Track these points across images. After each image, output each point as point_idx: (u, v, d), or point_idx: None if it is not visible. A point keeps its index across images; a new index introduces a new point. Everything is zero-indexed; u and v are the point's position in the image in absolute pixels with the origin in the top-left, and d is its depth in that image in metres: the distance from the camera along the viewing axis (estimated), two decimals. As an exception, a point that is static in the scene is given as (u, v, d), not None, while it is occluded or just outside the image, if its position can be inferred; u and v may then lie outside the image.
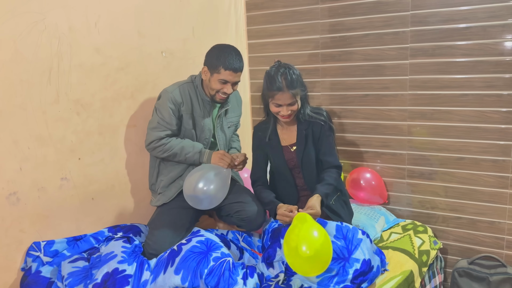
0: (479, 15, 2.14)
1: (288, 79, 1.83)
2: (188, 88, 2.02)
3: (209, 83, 1.98)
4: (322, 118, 1.96)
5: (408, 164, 2.48)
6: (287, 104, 1.85)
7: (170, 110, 1.95)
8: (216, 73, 1.93)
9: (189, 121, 2.01)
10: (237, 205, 1.98)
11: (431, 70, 2.30)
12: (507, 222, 2.27)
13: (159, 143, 1.95)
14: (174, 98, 1.96)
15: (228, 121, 2.16)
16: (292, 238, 1.50)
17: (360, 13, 2.43)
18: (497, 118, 2.19)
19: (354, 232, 1.68)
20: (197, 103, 2.03)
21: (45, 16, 1.72)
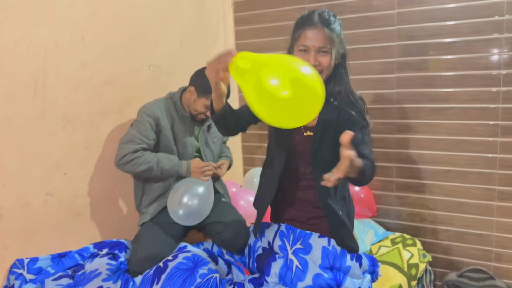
0: (463, 30, 2.18)
1: (325, 17, 1.41)
2: (167, 104, 2.01)
3: (193, 104, 1.97)
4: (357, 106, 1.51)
5: (396, 177, 2.49)
6: (317, 48, 1.40)
7: (148, 124, 1.93)
8: (204, 98, 1.93)
9: (169, 137, 1.99)
10: (218, 225, 1.94)
11: (417, 84, 2.33)
12: (494, 235, 2.28)
13: (133, 156, 1.90)
14: (152, 112, 1.95)
15: (212, 136, 2.14)
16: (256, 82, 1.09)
17: (347, 28, 2.44)
18: (483, 131, 2.22)
19: (342, 258, 1.53)
20: (178, 119, 2.01)
21: (31, 31, 1.70)
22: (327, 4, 2.49)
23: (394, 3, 2.31)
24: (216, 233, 1.93)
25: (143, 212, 2.02)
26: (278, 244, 1.65)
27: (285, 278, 1.56)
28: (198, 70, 2.00)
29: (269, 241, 1.69)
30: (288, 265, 1.57)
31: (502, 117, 2.16)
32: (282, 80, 1.06)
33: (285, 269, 1.57)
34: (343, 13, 2.45)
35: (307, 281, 1.52)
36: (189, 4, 2.51)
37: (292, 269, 1.55)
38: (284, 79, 1.06)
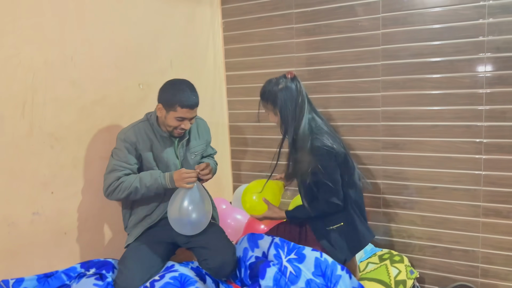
0: (446, 50, 2.24)
1: (261, 93, 1.97)
2: (144, 127, 1.98)
3: (165, 120, 1.93)
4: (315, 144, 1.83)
5: (383, 193, 2.51)
6: (265, 112, 2.00)
7: (126, 150, 1.92)
8: (172, 111, 1.89)
9: (149, 159, 1.97)
10: (205, 252, 1.91)
11: (402, 102, 2.37)
12: (480, 251, 2.30)
13: (117, 183, 1.90)
14: (128, 137, 1.93)
15: (191, 151, 2.10)
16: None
17: (334, 48, 2.51)
18: (467, 148, 2.26)
19: (333, 268, 1.66)
20: (156, 140, 1.98)
21: (20, 51, 1.72)
22: (314, 24, 2.54)
23: (379, 23, 2.36)
24: (203, 259, 1.89)
25: (129, 233, 2.01)
26: (273, 253, 1.82)
27: (279, 282, 1.64)
28: (162, 86, 1.96)
29: (264, 251, 1.86)
30: (282, 271, 1.68)
31: (485, 134, 2.21)
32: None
33: (279, 274, 1.67)
34: (330, 33, 2.51)
35: (300, 284, 1.60)
36: (178, 23, 2.54)
37: (286, 274, 1.66)
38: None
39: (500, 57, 2.13)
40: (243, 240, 2.00)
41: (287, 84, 1.86)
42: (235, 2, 2.80)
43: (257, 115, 2.01)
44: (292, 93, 1.85)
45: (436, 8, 2.23)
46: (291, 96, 1.85)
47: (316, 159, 1.80)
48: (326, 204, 1.86)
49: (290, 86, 1.86)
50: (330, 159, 1.82)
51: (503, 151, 2.18)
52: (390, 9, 2.33)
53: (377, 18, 2.37)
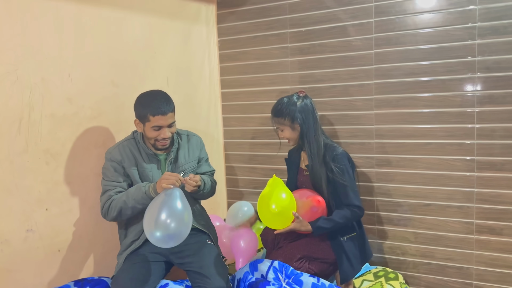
0: (438, 70, 2.28)
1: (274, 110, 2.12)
2: (129, 145, 1.97)
3: (145, 134, 1.93)
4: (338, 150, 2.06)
5: (377, 210, 2.53)
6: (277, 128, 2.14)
7: (113, 169, 1.92)
8: (147, 121, 1.86)
9: (136, 177, 1.95)
10: (199, 277, 1.82)
11: (395, 120, 2.41)
12: (474, 268, 2.31)
13: (109, 201, 1.89)
14: (113, 156, 1.93)
15: (180, 169, 2.03)
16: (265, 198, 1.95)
17: (328, 67, 2.55)
18: (460, 165, 2.29)
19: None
20: (141, 157, 1.97)
21: (17, 67, 1.73)
22: (308, 44, 2.59)
23: (372, 43, 2.41)
24: (197, 286, 1.81)
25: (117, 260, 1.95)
26: (272, 276, 1.84)
27: None
28: (134, 104, 1.93)
29: (263, 274, 1.89)
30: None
31: (477, 152, 2.24)
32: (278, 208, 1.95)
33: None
34: (324, 53, 2.55)
35: None
36: (175, 42, 2.58)
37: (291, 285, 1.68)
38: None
39: (491, 77, 2.18)
40: (245, 266, 2.00)
41: (304, 101, 2.07)
42: (231, 22, 2.84)
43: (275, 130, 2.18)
44: (309, 108, 2.07)
45: (428, 29, 2.28)
46: (308, 111, 2.06)
47: (341, 165, 2.01)
48: (349, 209, 2.01)
49: (306, 102, 2.08)
50: (350, 165, 2.06)
51: (494, 168, 2.21)
52: (382, 30, 2.39)
53: (370, 38, 2.42)
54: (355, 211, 2.01)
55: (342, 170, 2.00)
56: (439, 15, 2.25)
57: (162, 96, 1.92)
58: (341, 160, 2.02)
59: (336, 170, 1.99)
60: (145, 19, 2.35)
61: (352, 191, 2.02)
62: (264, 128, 2.81)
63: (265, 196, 1.97)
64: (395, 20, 2.35)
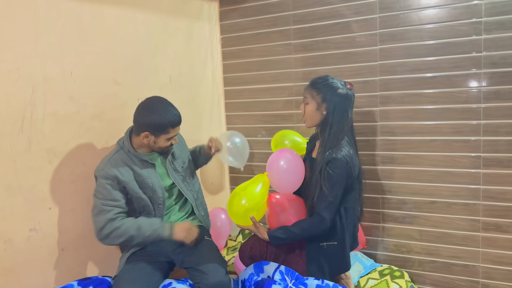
0: (443, 65, 2.26)
1: (313, 80, 1.98)
2: (120, 157, 1.87)
3: (155, 144, 1.87)
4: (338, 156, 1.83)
5: (382, 208, 2.51)
6: (303, 99, 1.97)
7: (109, 186, 1.80)
8: (164, 134, 1.84)
9: (135, 188, 1.87)
10: (197, 274, 1.82)
11: (400, 117, 2.38)
12: (481, 265, 2.29)
13: (112, 227, 1.78)
14: (108, 173, 1.81)
15: (179, 161, 2.05)
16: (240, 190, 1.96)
17: (332, 63, 2.53)
18: (465, 162, 2.27)
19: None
20: (136, 167, 1.88)
21: (19, 66, 1.72)
22: (312, 40, 2.57)
23: (376, 39, 2.39)
24: (195, 282, 1.82)
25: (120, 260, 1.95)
26: (278, 277, 1.82)
27: None
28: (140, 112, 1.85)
29: (269, 275, 1.86)
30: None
31: (483, 149, 2.22)
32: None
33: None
34: (327, 49, 2.53)
35: None
36: (177, 39, 2.56)
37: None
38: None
39: (497, 72, 2.15)
40: (249, 267, 1.97)
41: (347, 92, 1.88)
42: (234, 19, 2.82)
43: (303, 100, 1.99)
44: (347, 101, 1.88)
45: (433, 24, 2.25)
46: (344, 103, 1.87)
47: (332, 171, 1.81)
48: (312, 218, 1.85)
49: (348, 94, 1.88)
50: (342, 171, 1.82)
51: (501, 165, 2.19)
52: (387, 25, 2.36)
53: (375, 34, 2.39)
54: (316, 221, 1.83)
55: (329, 176, 1.81)
56: (444, 10, 2.22)
57: (170, 104, 1.88)
58: (334, 166, 1.81)
59: (325, 173, 1.82)
60: (147, 17, 2.34)
61: (326, 201, 1.81)
62: (268, 126, 2.80)
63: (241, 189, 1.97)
64: (400, 16, 2.32)
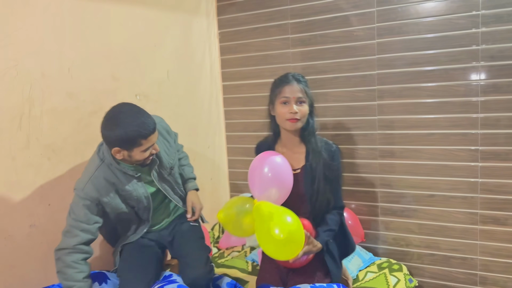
0: (441, 59, 2.26)
1: (297, 77, 1.78)
2: (102, 174, 1.72)
3: (131, 159, 1.69)
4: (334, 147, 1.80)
5: (381, 202, 2.51)
6: (296, 99, 1.72)
7: (86, 208, 1.67)
8: (137, 147, 1.64)
9: (118, 205, 1.77)
10: (182, 266, 1.83)
11: (398, 111, 2.39)
12: (479, 258, 2.30)
13: (63, 259, 1.63)
14: (87, 194, 1.68)
15: (165, 169, 1.89)
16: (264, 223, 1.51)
17: (330, 57, 2.53)
18: (464, 156, 2.27)
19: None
20: (119, 181, 1.75)
21: (17, 62, 1.72)
22: (310, 34, 2.56)
23: (374, 33, 2.39)
24: (181, 272, 1.83)
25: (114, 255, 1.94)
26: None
27: None
28: (105, 125, 1.65)
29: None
30: None
31: (481, 142, 2.22)
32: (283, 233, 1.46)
33: None
34: (326, 43, 2.52)
35: None
36: (175, 34, 2.56)
37: None
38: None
39: (495, 66, 2.15)
40: None
41: None
42: (231, 13, 2.82)
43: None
44: None
45: (430, 18, 2.25)
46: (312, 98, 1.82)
47: (337, 162, 1.79)
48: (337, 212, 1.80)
49: None
50: (340, 158, 1.82)
51: (499, 158, 2.20)
52: (385, 19, 2.36)
53: (372, 28, 2.39)
54: (341, 213, 1.82)
55: (338, 169, 1.79)
56: (441, 4, 2.22)
57: (141, 110, 1.66)
58: (338, 157, 1.79)
59: (334, 169, 1.77)
60: (145, 12, 2.33)
61: (339, 191, 1.82)
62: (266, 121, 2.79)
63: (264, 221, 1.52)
64: (397, 9, 2.32)
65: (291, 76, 1.77)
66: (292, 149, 1.83)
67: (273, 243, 1.46)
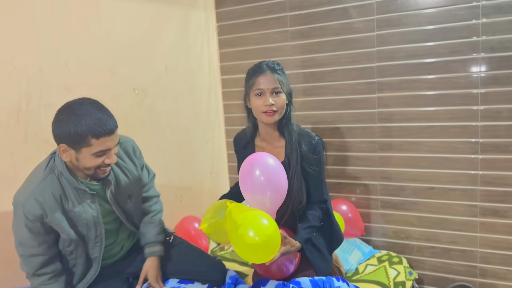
0: (441, 51, 2.24)
1: (271, 65, 1.66)
2: (47, 187, 1.45)
3: (79, 163, 1.42)
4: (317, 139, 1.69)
5: (380, 195, 2.51)
6: (271, 90, 1.61)
7: (28, 231, 1.44)
8: (86, 147, 1.38)
9: (65, 229, 1.48)
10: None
11: (398, 103, 2.38)
12: (478, 250, 2.31)
13: (31, 278, 1.52)
14: (29, 211, 1.42)
15: (123, 194, 1.63)
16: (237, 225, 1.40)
17: (329, 50, 2.51)
18: (463, 148, 2.26)
19: (329, 282, 1.61)
20: (69, 201, 1.48)
21: (14, 57, 1.71)
22: (309, 27, 2.55)
23: (374, 25, 2.37)
24: None
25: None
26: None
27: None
28: (55, 117, 1.43)
29: None
30: (284, 285, 1.60)
31: (481, 134, 2.22)
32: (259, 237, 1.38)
33: (281, 285, 1.60)
34: (325, 36, 2.51)
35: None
36: (173, 28, 2.54)
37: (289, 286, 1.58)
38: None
39: (495, 57, 2.13)
40: None
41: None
42: (230, 6, 2.80)
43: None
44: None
45: (430, 9, 2.23)
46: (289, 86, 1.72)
47: (318, 155, 1.68)
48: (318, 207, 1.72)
49: None
50: (322, 149, 1.72)
51: (499, 150, 2.19)
52: (384, 11, 2.34)
53: (372, 20, 2.37)
54: (323, 207, 1.73)
55: (319, 162, 1.68)
56: (442, -5, 2.20)
57: (100, 107, 1.43)
58: (319, 150, 1.69)
59: (315, 162, 1.67)
60: (142, 6, 2.31)
61: (324, 185, 1.73)
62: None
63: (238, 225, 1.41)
64: (397, 1, 2.30)
65: (265, 65, 1.66)
66: (272, 143, 1.74)
67: (247, 246, 1.38)
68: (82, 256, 1.59)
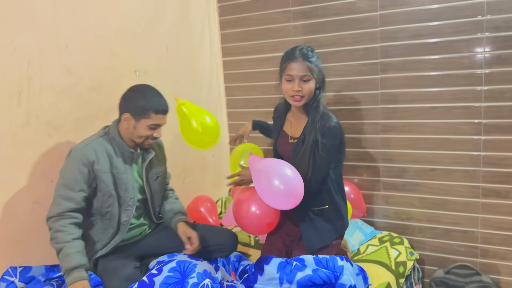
0: (445, 31, 2.22)
1: (305, 52, 1.72)
2: (102, 143, 1.75)
3: (135, 131, 1.74)
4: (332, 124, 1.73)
5: (382, 176, 2.51)
6: (299, 77, 1.69)
7: (78, 172, 1.66)
8: (145, 118, 1.72)
9: (108, 181, 1.72)
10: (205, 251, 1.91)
11: (401, 84, 2.36)
12: (480, 231, 2.32)
13: (55, 224, 1.63)
14: (85, 156, 1.67)
15: (154, 172, 1.91)
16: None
17: (332, 30, 2.48)
18: (466, 129, 2.25)
19: (333, 260, 1.64)
20: (116, 158, 1.76)
21: (14, 39, 1.70)
22: (311, 7, 2.51)
23: (377, 5, 2.34)
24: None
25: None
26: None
27: (284, 268, 1.60)
28: (125, 94, 1.77)
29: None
30: (288, 262, 1.64)
31: (485, 115, 2.20)
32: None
33: (284, 263, 1.63)
34: (327, 16, 2.48)
35: (307, 271, 1.57)
36: (173, 9, 2.51)
37: (292, 264, 1.62)
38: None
39: (499, 37, 2.11)
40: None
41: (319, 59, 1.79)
42: (231, -14, 2.76)
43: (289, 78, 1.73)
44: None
45: (435, -12, 2.20)
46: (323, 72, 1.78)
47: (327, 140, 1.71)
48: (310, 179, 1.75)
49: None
50: (336, 142, 1.75)
51: (502, 131, 2.18)
52: (387, -10, 2.30)
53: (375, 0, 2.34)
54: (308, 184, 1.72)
55: (324, 146, 1.71)
56: (446, -27, 2.16)
57: (160, 93, 1.79)
58: (331, 136, 1.72)
59: (322, 145, 1.71)
60: (142, -14, 2.29)
61: (316, 168, 1.73)
62: (268, 97, 2.77)
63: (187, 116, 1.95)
64: (401, -20, 2.26)
65: (299, 51, 1.72)
66: (298, 119, 1.85)
67: (192, 133, 1.93)
68: (115, 217, 1.77)
